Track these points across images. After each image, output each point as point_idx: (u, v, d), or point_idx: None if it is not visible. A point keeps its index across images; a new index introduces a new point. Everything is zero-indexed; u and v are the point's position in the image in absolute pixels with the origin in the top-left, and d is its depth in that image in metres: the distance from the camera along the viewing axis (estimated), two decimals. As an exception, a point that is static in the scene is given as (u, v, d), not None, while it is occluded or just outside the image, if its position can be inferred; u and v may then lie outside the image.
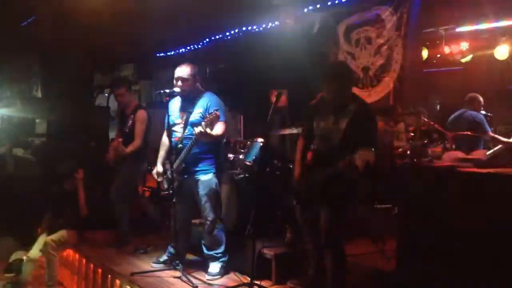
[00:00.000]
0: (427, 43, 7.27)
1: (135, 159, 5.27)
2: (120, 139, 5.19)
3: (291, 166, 4.54)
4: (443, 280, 3.41)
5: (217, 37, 8.52)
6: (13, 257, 5.67)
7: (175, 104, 4.54)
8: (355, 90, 6.58)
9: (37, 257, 5.25)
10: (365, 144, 3.20)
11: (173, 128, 4.48)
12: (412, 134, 5.89)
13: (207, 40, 8.75)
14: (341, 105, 3.58)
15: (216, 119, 4.12)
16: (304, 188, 3.69)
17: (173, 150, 4.42)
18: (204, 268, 4.48)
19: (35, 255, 5.23)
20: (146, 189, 7.04)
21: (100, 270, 4.80)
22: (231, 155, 5.38)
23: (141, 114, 5.26)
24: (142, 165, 5.47)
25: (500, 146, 6.10)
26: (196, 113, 4.38)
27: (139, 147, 5.20)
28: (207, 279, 4.32)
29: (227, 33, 8.28)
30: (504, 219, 3.09)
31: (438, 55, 7.42)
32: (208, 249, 4.49)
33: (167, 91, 4.39)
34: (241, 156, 5.22)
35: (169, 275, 4.42)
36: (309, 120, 3.78)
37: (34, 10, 7.46)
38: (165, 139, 4.60)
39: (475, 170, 3.58)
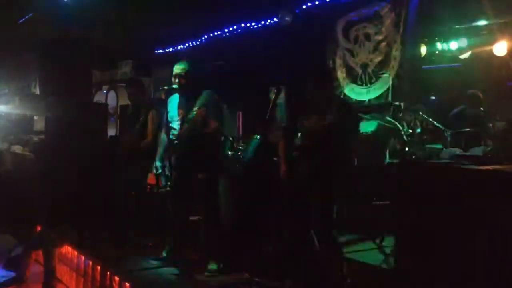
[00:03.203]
0: (426, 40, 7.26)
1: (145, 157, 5.31)
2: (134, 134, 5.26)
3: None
4: (442, 278, 3.41)
5: (216, 33, 8.52)
6: (13, 253, 5.68)
7: (173, 101, 4.55)
8: (354, 87, 6.64)
9: (33, 251, 5.26)
10: (348, 137, 3.58)
11: (171, 125, 4.49)
12: (411, 131, 5.88)
13: (206, 36, 8.76)
14: (324, 105, 3.81)
15: (204, 113, 4.17)
16: (293, 183, 3.78)
17: (171, 147, 4.43)
18: (203, 265, 4.48)
19: (31, 249, 5.25)
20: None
21: (99, 267, 4.80)
22: (229, 152, 5.38)
23: (155, 114, 5.34)
24: (151, 164, 5.49)
25: (497, 144, 6.09)
26: (194, 110, 4.38)
27: (150, 145, 5.25)
28: (206, 276, 4.33)
29: (226, 30, 8.28)
30: (504, 216, 3.09)
31: (437, 52, 7.41)
32: (206, 246, 4.49)
33: (166, 87, 4.41)
34: (239, 153, 5.22)
35: (168, 272, 4.42)
36: (292, 120, 3.97)
37: (32, 8, 7.45)
38: (163, 136, 4.62)
39: (474, 167, 3.58)
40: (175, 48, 9.52)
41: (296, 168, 3.82)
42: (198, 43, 9.00)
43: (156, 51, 9.90)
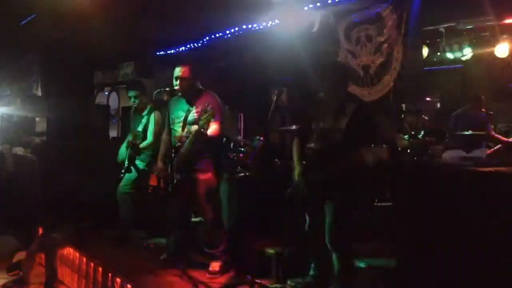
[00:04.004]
0: (428, 41, 7.26)
1: (147, 158, 5.33)
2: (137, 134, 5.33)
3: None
4: (444, 279, 3.41)
5: (217, 35, 8.52)
6: (16, 258, 5.68)
7: (175, 103, 4.56)
8: (355, 88, 6.62)
9: (36, 253, 5.27)
10: (366, 142, 3.27)
11: (173, 127, 4.49)
12: (413, 133, 5.88)
13: (207, 38, 8.75)
14: (340, 105, 3.64)
15: (211, 116, 4.14)
16: (305, 188, 3.70)
17: (172, 149, 4.43)
18: (205, 267, 4.48)
19: (34, 250, 5.25)
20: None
21: (100, 268, 4.81)
22: (231, 154, 5.38)
23: (157, 115, 5.36)
24: (154, 165, 5.49)
25: (499, 145, 6.10)
26: (195, 112, 4.38)
27: (151, 146, 5.26)
28: (208, 277, 4.33)
29: (227, 32, 8.28)
30: (505, 218, 3.09)
31: (439, 53, 7.41)
32: (208, 248, 4.49)
33: (167, 89, 4.43)
34: (241, 155, 5.22)
35: (170, 273, 4.42)
36: (307, 121, 3.81)
37: (34, 9, 7.46)
38: (165, 137, 4.63)
39: (476, 168, 3.58)
40: (177, 49, 9.52)
41: (310, 173, 3.68)
42: (199, 44, 9.00)
43: (157, 53, 9.90)
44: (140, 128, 5.36)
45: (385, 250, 4.50)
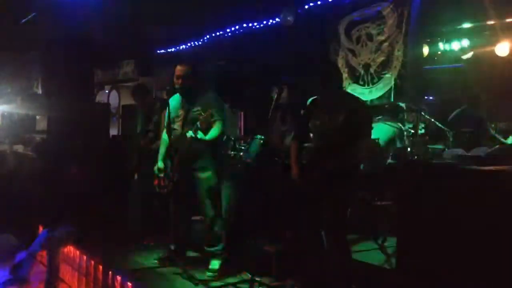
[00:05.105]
0: (428, 40, 7.25)
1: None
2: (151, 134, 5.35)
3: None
4: (443, 278, 3.41)
5: (218, 33, 8.53)
6: (18, 257, 5.68)
7: (175, 101, 4.56)
8: (356, 87, 6.63)
9: (37, 252, 5.27)
10: (361, 138, 3.33)
11: (173, 125, 4.49)
12: (413, 131, 5.88)
13: (208, 36, 8.76)
14: (336, 104, 3.69)
15: (211, 115, 4.15)
16: (304, 185, 3.72)
17: (172, 147, 4.43)
18: (205, 265, 4.48)
19: (35, 250, 5.25)
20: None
21: (101, 267, 4.81)
22: (231, 152, 5.38)
23: (163, 114, 5.38)
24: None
25: (498, 145, 6.07)
26: (195, 111, 4.38)
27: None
28: (208, 276, 4.33)
29: (228, 30, 8.29)
30: (505, 217, 3.09)
31: (439, 52, 7.41)
32: (208, 246, 4.49)
33: (168, 88, 4.44)
34: (241, 153, 5.22)
35: (170, 271, 4.42)
36: (304, 121, 3.85)
37: (34, 8, 7.47)
38: (165, 136, 4.62)
39: (476, 168, 3.58)
40: (177, 48, 9.53)
41: (308, 169, 3.70)
42: (200, 43, 9.01)
43: (158, 51, 9.91)
44: (151, 128, 5.37)
45: (383, 248, 4.51)
